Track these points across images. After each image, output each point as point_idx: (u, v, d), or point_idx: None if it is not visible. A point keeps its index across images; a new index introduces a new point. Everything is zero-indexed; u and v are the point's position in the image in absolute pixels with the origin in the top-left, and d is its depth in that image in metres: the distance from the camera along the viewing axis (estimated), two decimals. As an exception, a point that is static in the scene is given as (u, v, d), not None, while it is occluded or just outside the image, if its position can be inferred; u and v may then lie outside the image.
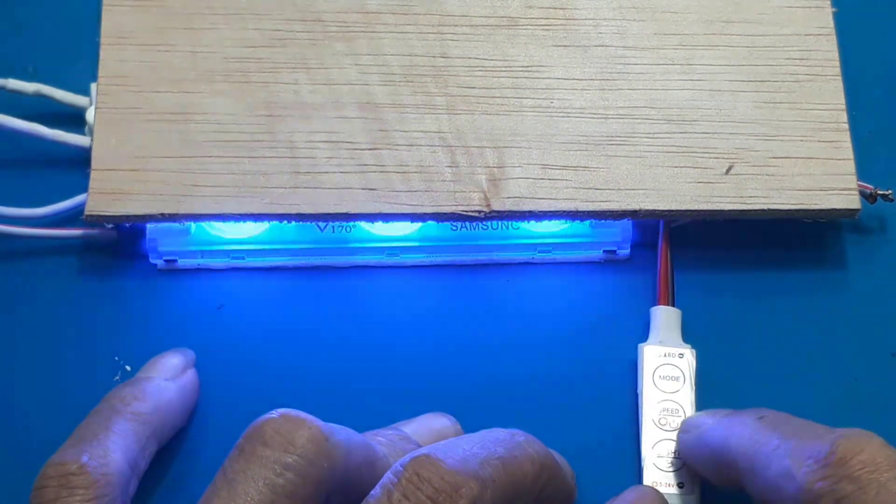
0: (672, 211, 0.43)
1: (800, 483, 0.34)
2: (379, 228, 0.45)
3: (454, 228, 0.45)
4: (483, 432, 0.36)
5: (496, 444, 0.35)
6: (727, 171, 0.44)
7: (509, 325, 0.45)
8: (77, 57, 0.49)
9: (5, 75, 0.47)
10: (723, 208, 0.43)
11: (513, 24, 0.46)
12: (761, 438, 0.36)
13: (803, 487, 0.33)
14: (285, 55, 0.45)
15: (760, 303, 0.45)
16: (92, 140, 0.44)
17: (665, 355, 0.43)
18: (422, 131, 0.44)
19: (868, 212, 0.46)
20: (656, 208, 0.43)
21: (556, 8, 0.47)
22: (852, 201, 0.44)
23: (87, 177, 0.43)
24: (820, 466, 0.33)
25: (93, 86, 0.46)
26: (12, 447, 0.42)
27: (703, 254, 0.46)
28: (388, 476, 0.33)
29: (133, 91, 0.44)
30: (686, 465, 0.41)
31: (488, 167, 0.44)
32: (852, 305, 0.45)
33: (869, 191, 0.45)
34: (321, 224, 0.45)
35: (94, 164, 0.43)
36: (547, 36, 0.46)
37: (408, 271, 0.46)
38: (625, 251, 0.46)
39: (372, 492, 0.33)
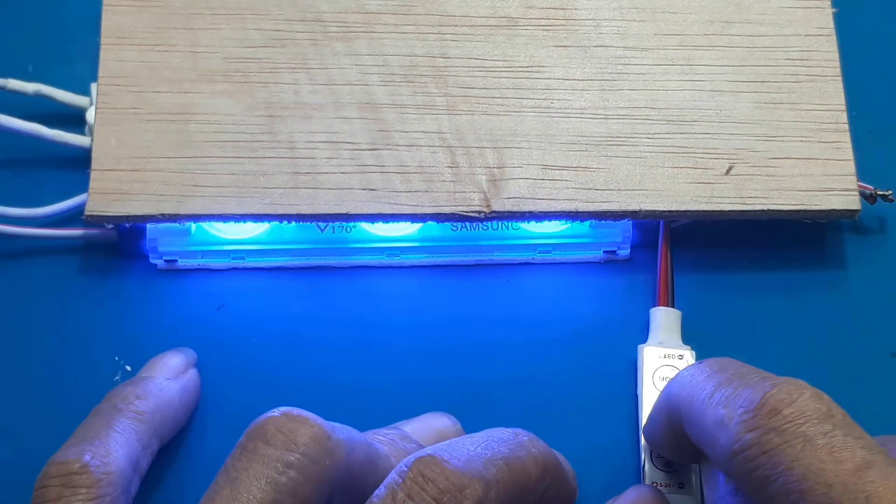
0: (672, 211, 0.43)
1: (730, 432, 0.32)
2: (379, 229, 0.45)
3: (454, 229, 0.45)
4: (486, 432, 0.35)
5: (500, 444, 0.35)
6: (727, 172, 0.44)
7: (509, 326, 0.45)
8: (77, 57, 0.49)
9: (5, 75, 0.47)
10: (723, 209, 0.43)
11: (513, 24, 0.46)
12: (698, 384, 0.35)
13: (733, 437, 0.32)
14: (285, 55, 0.45)
15: (760, 303, 0.45)
16: (92, 140, 0.44)
17: (665, 356, 0.43)
18: (422, 132, 0.44)
19: (868, 212, 0.46)
20: (656, 209, 0.43)
21: (556, 8, 0.47)
22: (852, 202, 0.44)
23: (87, 177, 0.43)
24: (750, 416, 0.32)
25: (93, 86, 0.46)
26: (13, 447, 0.42)
27: (703, 254, 0.46)
28: (392, 476, 0.33)
29: (133, 91, 0.44)
30: (652, 445, 0.40)
31: (488, 167, 0.44)
32: (852, 305, 0.45)
33: (869, 191, 0.45)
34: (321, 224, 0.45)
35: (94, 164, 0.43)
36: (547, 36, 0.46)
37: (408, 272, 0.46)
38: (625, 252, 0.46)
39: (376, 491, 0.33)
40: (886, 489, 0.30)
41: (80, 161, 0.45)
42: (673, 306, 0.44)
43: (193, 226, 0.44)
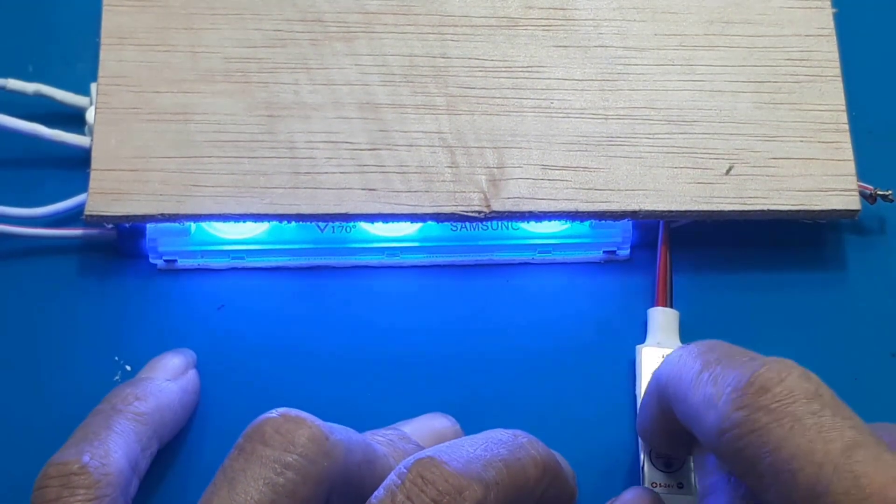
0: (672, 211, 0.43)
1: (719, 411, 0.32)
2: (379, 229, 0.45)
3: (454, 229, 0.45)
4: (486, 433, 0.35)
5: (499, 445, 0.35)
6: (727, 172, 0.44)
7: (509, 326, 0.45)
8: (77, 57, 0.49)
9: (5, 75, 0.47)
10: (723, 209, 0.43)
11: (513, 24, 0.46)
12: (687, 364, 0.35)
13: (721, 416, 0.32)
14: (285, 55, 0.45)
15: (760, 303, 0.45)
16: (92, 140, 0.44)
17: (663, 356, 0.43)
18: (422, 131, 0.44)
19: (868, 212, 0.46)
20: (656, 209, 0.43)
21: (556, 8, 0.47)
22: (852, 202, 0.44)
23: (86, 177, 0.43)
24: (738, 395, 0.32)
25: (93, 86, 0.46)
26: (13, 447, 0.42)
27: (702, 254, 0.46)
28: (391, 478, 0.33)
29: (133, 91, 0.44)
30: (646, 437, 0.40)
31: (488, 167, 0.44)
32: (852, 305, 0.45)
33: (869, 191, 0.45)
34: (321, 224, 0.45)
35: (94, 164, 0.43)
36: (547, 36, 0.46)
37: (408, 272, 0.46)
38: (625, 252, 0.46)
39: (375, 493, 0.33)
40: (875, 469, 0.29)
41: (79, 161, 0.45)
42: (671, 307, 0.44)
43: (193, 226, 0.44)
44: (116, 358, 0.43)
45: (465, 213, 0.43)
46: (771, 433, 0.31)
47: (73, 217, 0.45)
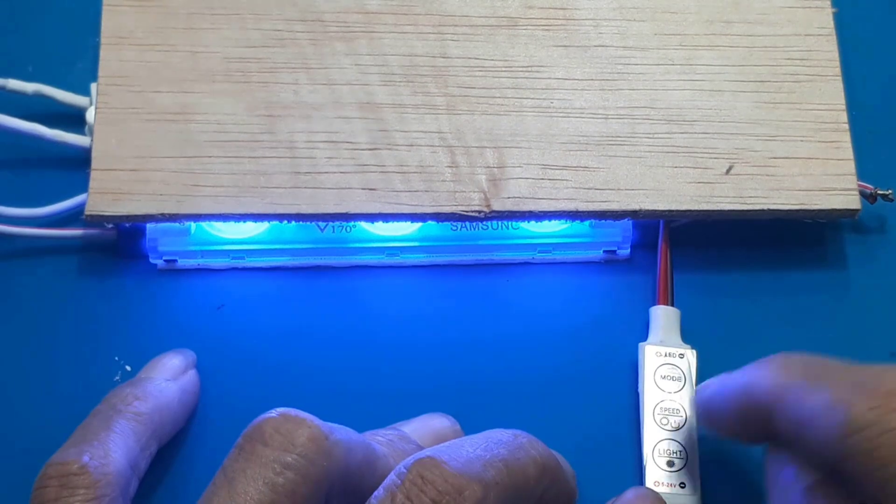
0: (672, 211, 0.43)
1: (847, 412, 0.32)
2: (379, 228, 0.45)
3: (454, 228, 0.45)
4: (486, 433, 0.35)
5: (499, 445, 0.35)
6: (727, 172, 0.44)
7: (509, 325, 0.45)
8: (77, 57, 0.49)
9: (5, 75, 0.47)
10: (723, 208, 0.43)
11: (513, 24, 0.46)
12: (794, 372, 0.35)
13: (850, 416, 0.32)
14: (285, 55, 0.45)
15: (760, 303, 0.45)
16: (92, 140, 0.44)
17: (665, 355, 0.43)
18: (422, 131, 0.44)
19: (868, 212, 0.46)
20: (656, 208, 0.43)
21: (556, 8, 0.47)
22: (852, 201, 0.44)
23: (87, 177, 0.43)
24: (870, 396, 0.32)
25: (93, 86, 0.46)
26: (12, 447, 0.42)
27: (702, 254, 0.46)
28: (391, 478, 0.33)
29: (133, 91, 0.44)
30: (706, 422, 0.40)
31: (488, 167, 0.44)
32: (852, 305, 0.45)
33: (869, 191, 0.45)
34: (321, 224, 0.45)
35: (94, 164, 0.43)
36: (547, 36, 0.46)
37: (408, 271, 0.46)
38: (625, 251, 0.46)
39: (375, 493, 0.33)
40: None
41: (80, 161, 0.45)
42: (672, 305, 0.44)
43: (193, 226, 0.44)
44: (116, 358, 0.43)
45: (465, 213, 0.43)
46: None
47: (74, 217, 0.45)
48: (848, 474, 0.33)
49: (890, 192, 0.45)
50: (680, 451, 0.41)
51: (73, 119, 0.47)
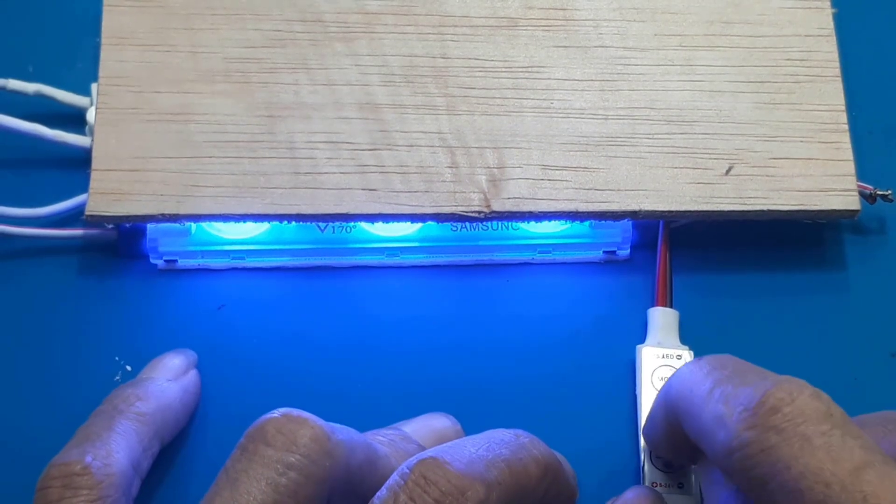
0: (672, 212, 0.43)
1: (729, 430, 0.32)
2: (379, 229, 0.45)
3: (454, 229, 0.45)
4: (487, 433, 0.36)
5: (501, 445, 0.35)
6: (727, 172, 0.44)
7: (509, 326, 0.45)
8: (77, 57, 0.49)
9: (5, 75, 0.47)
10: (723, 209, 0.44)
11: (513, 24, 0.46)
12: (697, 381, 0.35)
13: (731, 434, 0.32)
14: (285, 55, 0.45)
15: (760, 304, 0.45)
16: (92, 140, 0.44)
17: (663, 356, 0.43)
18: (422, 132, 0.44)
19: (868, 212, 0.46)
20: (656, 209, 0.43)
21: (556, 8, 0.47)
22: (852, 202, 0.44)
23: (87, 177, 0.43)
24: (749, 414, 0.32)
25: (93, 86, 0.46)
26: (13, 447, 0.42)
27: (702, 255, 0.46)
28: (394, 478, 0.33)
29: (133, 91, 0.44)
30: (652, 445, 0.40)
31: (488, 168, 0.44)
32: (852, 305, 0.45)
33: (869, 191, 0.45)
34: (321, 224, 0.45)
35: (94, 164, 0.43)
36: (547, 37, 0.46)
37: (408, 272, 0.46)
38: (625, 252, 0.46)
39: (378, 493, 0.33)
40: (883, 489, 0.30)
41: (80, 161, 0.45)
42: (671, 306, 0.44)
43: (193, 226, 0.44)
44: (117, 358, 0.43)
45: (465, 214, 0.43)
46: (780, 453, 0.31)
47: (74, 217, 0.45)
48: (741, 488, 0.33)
49: (889, 192, 0.45)
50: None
51: (74, 119, 0.47)
